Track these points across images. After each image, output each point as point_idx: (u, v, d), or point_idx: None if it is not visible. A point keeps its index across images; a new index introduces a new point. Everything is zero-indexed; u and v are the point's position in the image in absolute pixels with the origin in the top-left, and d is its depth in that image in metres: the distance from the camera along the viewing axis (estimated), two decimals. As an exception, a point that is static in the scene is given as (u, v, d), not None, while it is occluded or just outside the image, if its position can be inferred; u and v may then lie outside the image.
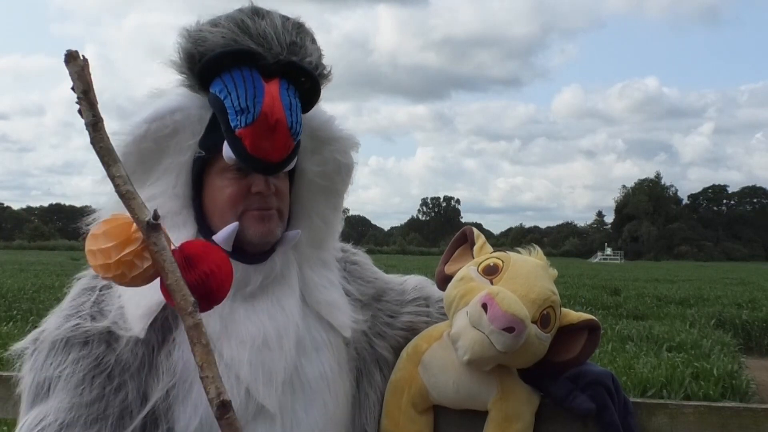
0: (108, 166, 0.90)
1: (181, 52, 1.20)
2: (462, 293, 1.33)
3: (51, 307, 1.27)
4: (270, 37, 1.17)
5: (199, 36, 1.18)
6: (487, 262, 1.36)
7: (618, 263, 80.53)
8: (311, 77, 1.19)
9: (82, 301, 1.21)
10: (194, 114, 1.21)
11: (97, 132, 0.88)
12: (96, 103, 0.88)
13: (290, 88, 1.18)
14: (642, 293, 19.72)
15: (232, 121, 1.14)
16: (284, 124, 1.14)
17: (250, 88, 1.14)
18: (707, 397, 6.85)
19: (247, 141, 1.14)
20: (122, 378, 1.15)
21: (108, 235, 0.96)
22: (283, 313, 1.24)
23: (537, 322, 1.29)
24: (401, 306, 1.49)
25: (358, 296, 1.42)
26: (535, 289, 1.30)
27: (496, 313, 1.23)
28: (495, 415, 1.34)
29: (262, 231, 1.22)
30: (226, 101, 1.15)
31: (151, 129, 1.19)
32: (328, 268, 1.37)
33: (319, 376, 1.26)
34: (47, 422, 1.10)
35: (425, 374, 1.39)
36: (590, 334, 1.36)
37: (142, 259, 0.95)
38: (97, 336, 1.16)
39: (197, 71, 1.18)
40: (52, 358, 1.16)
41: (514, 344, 1.24)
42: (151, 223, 0.92)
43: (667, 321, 13.28)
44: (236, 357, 1.18)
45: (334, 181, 1.33)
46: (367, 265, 1.50)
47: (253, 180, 1.20)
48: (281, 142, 1.15)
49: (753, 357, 11.56)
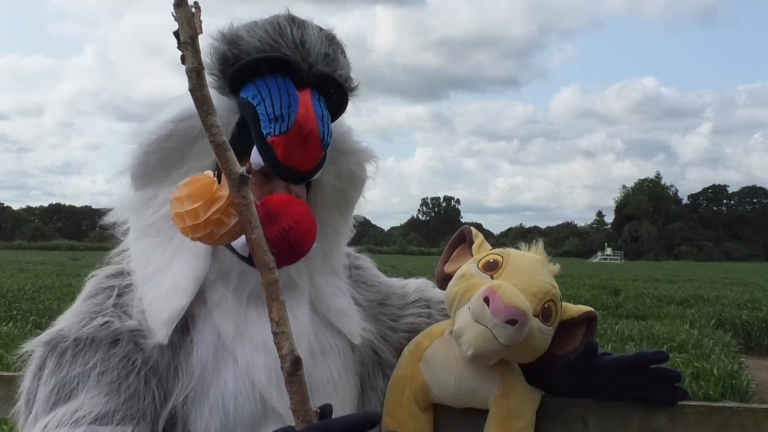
0: (207, 114, 0.90)
1: (215, 53, 1.18)
2: (463, 290, 1.33)
3: (51, 307, 1.28)
4: (307, 45, 1.17)
5: (235, 37, 1.17)
6: (486, 258, 1.37)
7: (618, 263, 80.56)
8: (341, 89, 1.20)
9: (102, 300, 1.18)
10: (222, 116, 1.18)
11: (200, 79, 0.88)
12: (200, 51, 0.88)
13: (321, 99, 1.18)
14: (642, 293, 19.74)
15: (265, 128, 1.14)
16: (317, 135, 1.14)
17: (284, 97, 1.13)
18: (707, 397, 6.86)
19: (279, 149, 1.13)
20: (149, 378, 1.13)
21: (192, 196, 0.97)
22: (294, 320, 1.23)
23: (539, 315, 1.29)
24: (403, 309, 1.49)
25: (363, 302, 1.42)
26: (536, 282, 1.31)
27: (498, 305, 1.24)
28: (496, 412, 1.34)
29: None
30: (259, 107, 1.14)
31: (178, 129, 1.17)
32: (336, 275, 1.37)
33: (326, 380, 1.26)
34: (81, 414, 1.05)
35: (427, 371, 1.40)
36: (588, 324, 1.38)
37: (229, 215, 0.96)
38: (126, 334, 1.14)
39: (230, 74, 1.16)
40: (81, 356, 1.11)
41: (517, 337, 1.25)
42: (243, 175, 0.92)
43: (667, 321, 13.30)
44: (251, 361, 1.17)
45: (348, 192, 1.34)
46: (370, 270, 1.50)
47: (275, 186, 1.19)
48: (312, 152, 1.15)
49: (753, 357, 11.56)
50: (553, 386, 1.39)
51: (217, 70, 1.19)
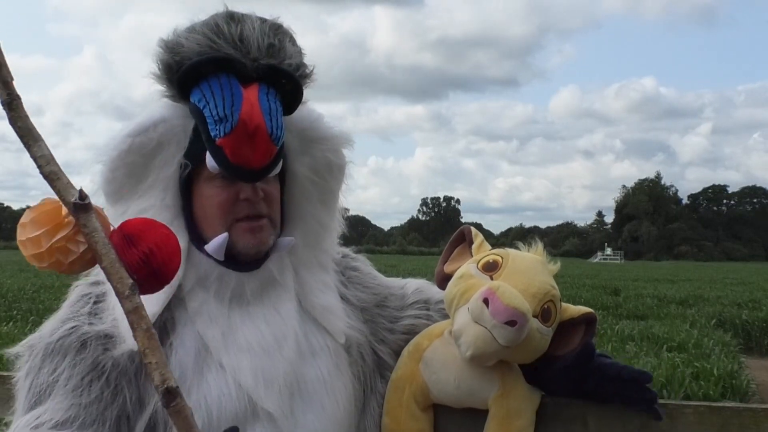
0: (29, 146, 0.84)
1: (159, 63, 1.19)
2: (462, 290, 1.33)
3: (51, 307, 1.28)
4: (247, 40, 1.16)
5: (175, 44, 1.17)
6: (486, 259, 1.37)
7: (618, 263, 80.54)
8: (292, 79, 1.18)
9: (79, 307, 1.21)
10: (177, 125, 1.20)
11: (13, 111, 0.83)
12: (11, 81, 0.82)
13: (270, 92, 1.16)
14: (642, 293, 19.73)
15: (212, 130, 1.14)
16: (264, 130, 1.13)
17: (227, 96, 1.13)
18: (707, 397, 6.85)
19: (228, 150, 1.13)
20: (119, 382, 1.15)
21: (36, 222, 0.90)
22: (280, 318, 1.24)
23: (538, 316, 1.29)
24: (401, 311, 1.48)
25: (357, 303, 1.41)
26: (535, 283, 1.31)
27: (497, 307, 1.23)
28: (496, 412, 1.34)
29: (253, 243, 1.21)
30: (205, 110, 1.14)
31: (135, 143, 1.17)
32: (324, 270, 1.36)
33: (316, 379, 1.26)
34: (42, 420, 1.10)
35: (426, 371, 1.39)
36: (587, 325, 1.37)
37: (76, 243, 0.89)
38: (94, 339, 1.16)
39: (176, 81, 1.16)
40: (49, 362, 1.15)
41: (516, 338, 1.25)
42: (77, 203, 0.86)
43: (667, 321, 13.29)
44: (236, 364, 1.18)
45: (326, 181, 1.31)
46: (366, 270, 1.49)
47: (240, 187, 1.19)
48: (262, 148, 1.14)
49: (753, 357, 11.55)
50: (551, 387, 1.39)
51: (165, 79, 1.19)
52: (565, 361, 1.35)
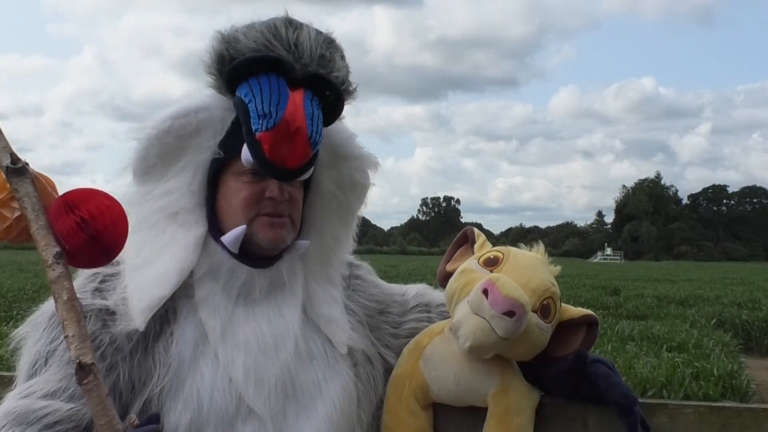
0: None
1: (213, 53, 1.22)
2: (463, 284, 1.34)
3: (51, 307, 1.28)
4: (301, 47, 1.19)
5: (232, 38, 1.20)
6: (487, 254, 1.38)
7: (618, 263, 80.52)
8: (336, 91, 1.21)
9: (85, 283, 1.22)
10: (218, 115, 1.23)
11: None
12: None
13: (314, 100, 1.19)
14: (642, 293, 19.71)
15: (254, 124, 1.16)
16: (304, 133, 1.16)
17: (275, 94, 1.16)
18: (707, 397, 6.84)
19: (267, 145, 1.15)
20: (114, 359, 1.16)
21: None
22: (282, 320, 1.25)
23: (537, 311, 1.30)
24: (403, 315, 1.50)
25: (361, 311, 1.43)
26: (535, 279, 1.31)
27: (496, 297, 1.24)
28: (495, 409, 1.34)
29: (272, 236, 1.23)
30: (250, 105, 1.16)
31: (175, 125, 1.21)
32: (333, 284, 1.37)
33: (312, 383, 1.27)
34: (33, 390, 1.11)
35: (426, 368, 1.40)
36: (589, 328, 1.37)
37: (11, 209, 0.88)
38: (94, 313, 1.17)
39: (226, 73, 1.20)
40: (47, 332, 1.17)
41: (514, 329, 1.25)
42: (9, 167, 0.84)
43: (667, 321, 13.28)
44: (230, 359, 1.19)
45: (348, 199, 1.34)
46: (369, 279, 1.50)
47: (267, 185, 1.22)
48: (300, 149, 1.17)
49: (753, 357, 11.54)
50: (549, 388, 1.39)
51: (215, 69, 1.22)
52: (559, 368, 1.35)
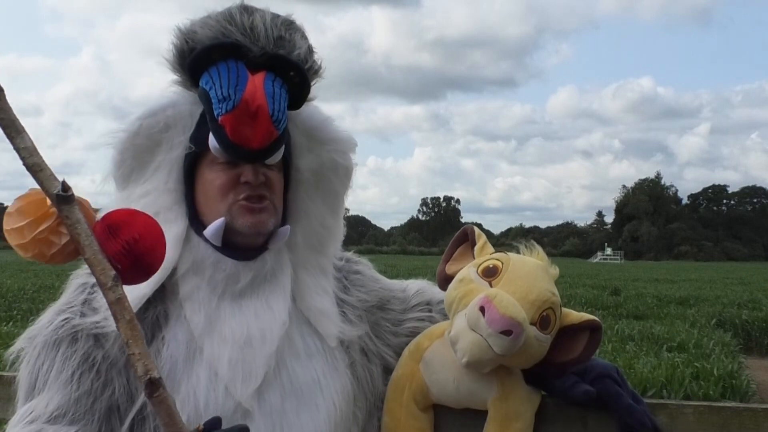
0: (12, 137, 0.85)
1: (174, 49, 1.22)
2: (461, 295, 1.33)
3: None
4: (257, 30, 1.19)
5: (189, 31, 1.21)
6: (486, 263, 1.36)
7: (618, 263, 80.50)
8: (299, 71, 1.20)
9: (74, 297, 1.22)
10: (185, 110, 1.23)
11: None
12: None
13: (276, 80, 1.19)
14: (642, 293, 19.72)
15: (215, 109, 1.16)
16: (265, 111, 1.15)
17: (233, 78, 1.15)
18: (707, 397, 6.85)
19: (228, 127, 1.15)
20: (110, 374, 1.16)
21: (22, 212, 0.90)
22: (270, 313, 1.24)
23: (536, 323, 1.28)
24: (404, 313, 1.49)
25: (360, 305, 1.41)
26: (534, 290, 1.30)
27: (493, 316, 1.23)
28: (495, 414, 1.34)
29: (252, 221, 1.21)
30: (210, 91, 1.16)
31: (144, 125, 1.21)
32: (324, 275, 1.36)
33: (311, 380, 1.26)
34: (35, 415, 1.12)
35: (426, 371, 1.39)
36: (592, 334, 1.35)
37: (59, 235, 0.89)
38: (85, 331, 1.18)
39: (187, 66, 1.20)
40: (44, 355, 1.17)
41: (511, 347, 1.24)
42: (60, 195, 0.87)
43: (667, 321, 13.29)
44: (216, 354, 1.18)
45: (331, 182, 1.32)
46: (369, 273, 1.50)
47: (242, 170, 1.21)
48: (263, 128, 1.16)
49: (753, 357, 11.55)
50: (548, 390, 1.39)
51: (177, 65, 1.23)
52: (564, 393, 1.35)
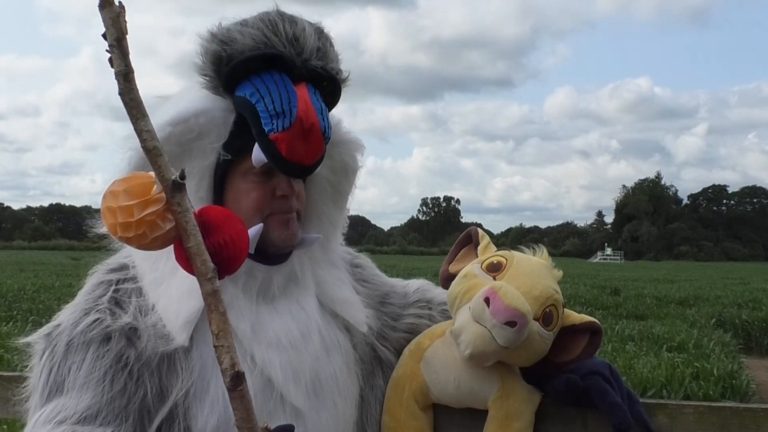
0: (136, 119, 0.85)
1: (207, 54, 1.19)
2: (465, 289, 1.33)
3: (51, 307, 1.28)
4: (301, 41, 1.18)
5: (227, 37, 1.17)
6: (490, 259, 1.37)
7: (618, 263, 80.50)
8: (334, 82, 1.21)
9: (99, 295, 1.20)
10: (218, 117, 1.20)
11: (127, 83, 0.84)
12: (128, 53, 0.84)
13: (316, 93, 1.19)
14: (642, 293, 19.72)
15: (266, 125, 1.14)
16: (318, 128, 1.16)
17: (283, 93, 1.14)
18: (707, 397, 6.86)
19: (283, 145, 1.14)
20: (142, 374, 1.15)
21: (129, 192, 0.91)
22: (304, 313, 1.27)
23: (539, 319, 1.29)
24: (404, 309, 1.50)
25: (364, 297, 1.43)
26: (538, 286, 1.31)
27: (498, 306, 1.23)
28: (495, 414, 1.34)
29: (286, 235, 1.24)
30: (258, 105, 1.14)
31: (175, 132, 1.18)
32: (336, 267, 1.39)
33: (330, 377, 1.27)
34: (65, 415, 1.09)
35: (426, 370, 1.40)
36: (592, 336, 1.36)
37: (165, 220, 0.91)
38: (118, 331, 1.15)
39: (225, 73, 1.17)
40: (72, 354, 1.14)
41: (515, 339, 1.25)
42: (177, 182, 0.88)
43: (667, 321, 13.29)
44: (267, 359, 1.19)
45: (341, 183, 1.35)
46: (369, 268, 1.51)
47: (277, 183, 1.21)
48: (315, 145, 1.17)
49: (753, 357, 11.56)
50: (548, 390, 1.39)
51: (211, 71, 1.19)
52: (554, 388, 1.35)
